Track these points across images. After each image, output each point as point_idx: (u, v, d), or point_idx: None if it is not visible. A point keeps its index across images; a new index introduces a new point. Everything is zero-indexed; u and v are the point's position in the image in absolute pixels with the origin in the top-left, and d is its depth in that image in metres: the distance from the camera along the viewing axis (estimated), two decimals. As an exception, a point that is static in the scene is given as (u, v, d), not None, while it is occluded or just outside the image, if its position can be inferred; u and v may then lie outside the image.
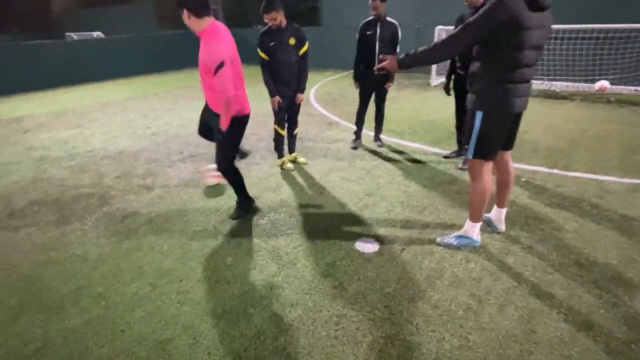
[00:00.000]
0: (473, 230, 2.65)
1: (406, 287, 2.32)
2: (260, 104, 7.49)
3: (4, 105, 8.45)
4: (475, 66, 2.32)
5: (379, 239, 2.83)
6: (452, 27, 8.31)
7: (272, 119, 4.08)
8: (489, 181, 2.49)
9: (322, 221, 3.11)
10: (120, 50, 11.80)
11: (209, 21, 2.53)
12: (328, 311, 2.14)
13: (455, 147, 4.39)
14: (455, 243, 2.67)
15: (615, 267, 2.43)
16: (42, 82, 10.00)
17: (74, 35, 13.66)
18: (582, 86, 7.35)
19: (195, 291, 2.35)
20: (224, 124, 2.66)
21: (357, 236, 2.87)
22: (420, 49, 2.28)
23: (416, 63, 2.33)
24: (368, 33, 4.30)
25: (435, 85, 8.64)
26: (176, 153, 4.87)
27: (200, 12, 2.47)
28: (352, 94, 8.09)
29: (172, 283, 2.44)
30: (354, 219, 3.12)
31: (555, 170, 3.86)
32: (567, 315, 2.07)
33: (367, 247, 2.71)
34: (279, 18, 3.54)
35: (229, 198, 3.53)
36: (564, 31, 7.09)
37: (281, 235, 2.93)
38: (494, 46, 2.15)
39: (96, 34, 14.24)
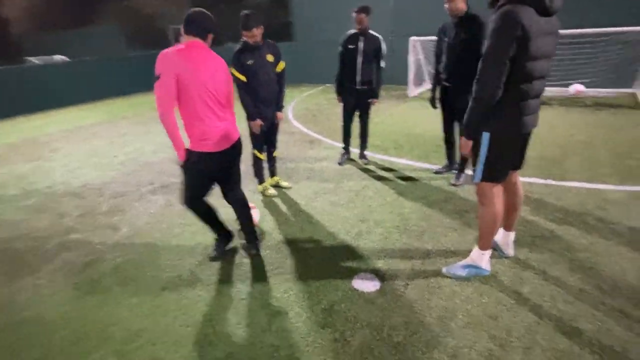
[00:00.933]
0: (482, 259, 2.39)
1: (417, 333, 2.02)
2: (239, 126, 7.20)
3: (-46, 138, 7.76)
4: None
5: (378, 273, 2.53)
6: (428, 38, 8.40)
7: (248, 141, 3.76)
8: (500, 205, 2.26)
9: (313, 255, 2.79)
10: (85, 73, 11.21)
11: (190, 39, 2.32)
12: (331, 374, 1.81)
13: (444, 162, 4.19)
14: (464, 274, 2.41)
15: (638, 289, 2.23)
16: (-2, 111, 9.32)
17: (35, 60, 12.97)
18: (558, 90, 7.42)
19: (171, 358, 1.98)
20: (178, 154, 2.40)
21: (354, 272, 2.56)
22: (468, 110, 2.06)
23: (475, 123, 2.07)
24: (350, 47, 4.10)
25: (413, 97, 8.55)
26: (146, 184, 4.46)
27: (185, 28, 2.33)
28: (331, 109, 7.90)
29: (142, 348, 2.05)
30: (349, 251, 2.82)
31: (551, 181, 3.70)
32: (602, 356, 1.82)
33: (367, 285, 2.41)
34: (259, 34, 3.29)
35: (207, 235, 3.16)
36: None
37: (268, 276, 2.59)
38: None
39: (59, 57, 13.59)
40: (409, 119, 6.59)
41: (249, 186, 4.13)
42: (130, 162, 5.32)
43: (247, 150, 4.39)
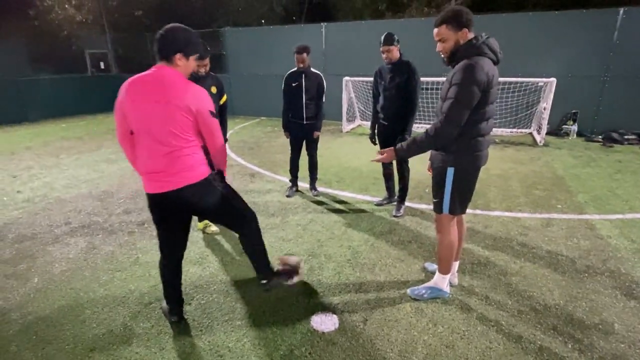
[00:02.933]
0: (443, 283, 2.58)
1: (382, 371, 1.99)
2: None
3: None
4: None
5: (336, 310, 2.47)
6: (359, 78, 9.00)
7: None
8: (455, 233, 2.46)
9: (266, 297, 2.63)
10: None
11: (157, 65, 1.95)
12: None
13: (384, 194, 4.38)
14: (426, 296, 2.58)
15: (564, 307, 2.49)
16: None
17: None
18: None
19: None
20: None
21: (311, 311, 2.46)
22: (419, 137, 2.18)
23: (417, 152, 2.22)
24: (294, 84, 4.21)
25: (347, 132, 8.96)
26: (61, 223, 3.88)
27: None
28: (269, 141, 7.89)
29: None
30: (303, 289, 2.72)
31: (478, 211, 4.07)
32: (547, 374, 1.96)
33: (327, 325, 2.33)
34: (209, 65, 3.21)
35: (142, 280, 2.82)
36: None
37: (217, 324, 2.36)
38: None
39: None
40: (346, 153, 6.84)
41: (187, 223, 3.83)
42: (38, 199, 4.61)
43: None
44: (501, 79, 7.67)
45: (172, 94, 1.86)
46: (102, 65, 14.31)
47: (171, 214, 2.11)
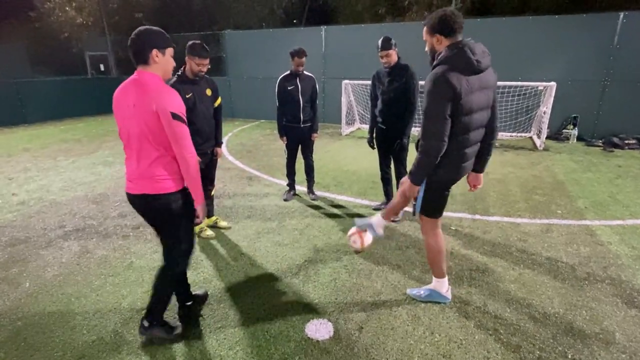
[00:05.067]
0: (441, 286, 2.56)
1: (377, 382, 1.94)
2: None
3: None
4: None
5: (331, 318, 2.43)
6: (358, 82, 8.98)
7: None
8: (441, 235, 2.45)
9: (261, 303, 2.59)
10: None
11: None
12: None
13: (382, 198, 4.34)
14: (423, 295, 2.59)
15: (564, 316, 2.44)
16: None
17: None
18: (470, 133, 8.35)
19: None
20: None
21: (305, 319, 2.42)
22: (415, 161, 2.15)
23: (424, 173, 2.17)
24: (289, 88, 4.18)
25: (345, 135, 8.93)
26: (55, 227, 3.84)
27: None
28: (267, 145, 7.85)
29: None
30: (298, 295, 2.68)
31: (477, 216, 4.03)
32: (546, 386, 1.92)
33: (321, 333, 2.28)
34: (209, 66, 3.18)
35: (134, 286, 2.78)
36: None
37: (210, 331, 2.32)
38: None
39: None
40: (345, 156, 6.80)
41: (182, 227, 3.79)
42: (33, 201, 4.58)
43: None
44: (500, 83, 7.71)
45: (142, 98, 1.86)
46: (102, 67, 14.32)
47: (141, 214, 2.13)
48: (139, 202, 2.04)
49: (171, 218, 2.06)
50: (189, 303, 2.47)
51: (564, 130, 7.97)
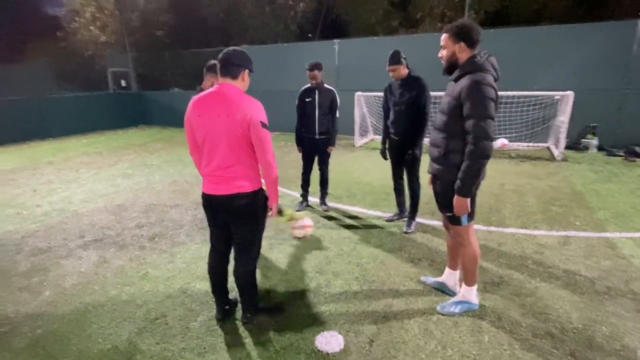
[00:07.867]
0: (471, 294, 2.57)
1: (387, 396, 1.91)
2: (181, 170, 6.87)
3: None
4: (453, 143, 2.29)
5: (341, 330, 2.42)
6: (372, 93, 9.04)
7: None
8: (476, 243, 2.50)
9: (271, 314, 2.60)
10: (5, 114, 10.17)
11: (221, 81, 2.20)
12: None
13: (395, 209, 4.32)
14: (457, 311, 2.56)
15: (582, 331, 2.36)
16: None
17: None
18: (485, 144, 8.23)
19: None
20: None
21: (316, 330, 2.41)
22: (463, 168, 2.21)
23: (474, 180, 2.24)
24: (307, 100, 4.29)
25: (359, 146, 8.95)
26: (75, 237, 3.96)
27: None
28: (281, 157, 7.92)
29: None
30: (308, 307, 2.68)
31: (492, 228, 3.96)
32: (564, 404, 1.85)
33: (332, 345, 2.27)
34: None
35: (150, 296, 2.84)
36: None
37: (221, 342, 2.34)
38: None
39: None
40: (358, 167, 6.81)
41: (196, 238, 3.86)
42: (56, 212, 4.75)
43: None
44: (516, 93, 7.63)
45: (232, 108, 2.08)
46: (123, 83, 14.83)
47: (218, 213, 2.32)
48: (224, 202, 2.22)
49: (256, 213, 2.29)
50: (227, 307, 2.59)
51: (583, 140, 7.78)
